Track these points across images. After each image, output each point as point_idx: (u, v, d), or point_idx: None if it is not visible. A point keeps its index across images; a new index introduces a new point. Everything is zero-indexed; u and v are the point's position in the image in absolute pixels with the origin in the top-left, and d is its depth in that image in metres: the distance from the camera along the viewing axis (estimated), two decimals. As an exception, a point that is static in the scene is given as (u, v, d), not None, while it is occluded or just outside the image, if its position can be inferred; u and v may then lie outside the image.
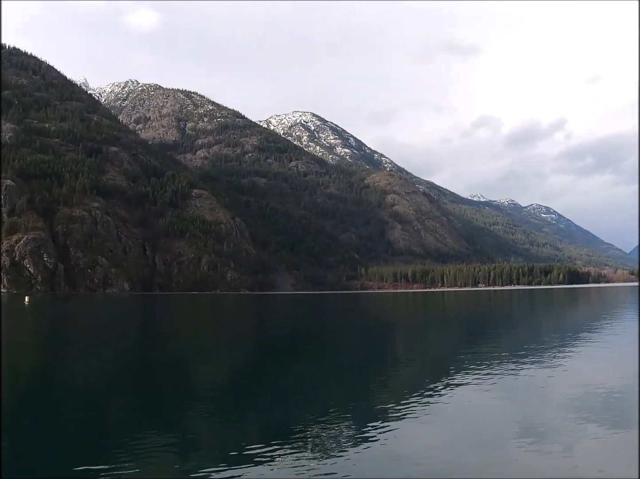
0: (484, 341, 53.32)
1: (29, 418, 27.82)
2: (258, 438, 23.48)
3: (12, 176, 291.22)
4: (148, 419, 27.29)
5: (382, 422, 23.91)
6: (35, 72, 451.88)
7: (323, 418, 25.30)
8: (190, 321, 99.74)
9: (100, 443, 23.15)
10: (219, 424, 26.15)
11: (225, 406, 29.75)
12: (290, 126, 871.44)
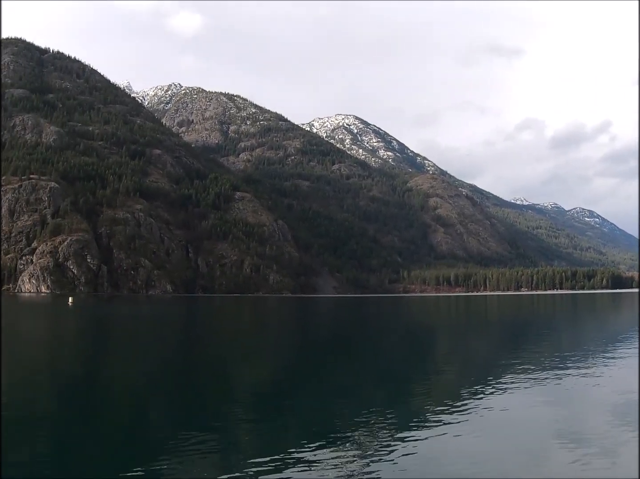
0: (527, 346, 53.38)
1: (72, 419, 28.39)
2: (298, 441, 23.73)
3: (56, 178, 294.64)
4: (189, 421, 27.72)
5: (422, 426, 24.23)
6: (79, 75, 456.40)
7: (363, 421, 25.64)
8: (233, 323, 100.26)
9: (141, 444, 23.66)
10: (260, 427, 26.52)
11: (266, 408, 30.10)
12: (332, 129, 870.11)
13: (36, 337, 68.77)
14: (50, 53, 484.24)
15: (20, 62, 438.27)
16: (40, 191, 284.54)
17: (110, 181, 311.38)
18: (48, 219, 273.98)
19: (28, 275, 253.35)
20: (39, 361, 48.01)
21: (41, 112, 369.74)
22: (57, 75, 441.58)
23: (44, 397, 33.14)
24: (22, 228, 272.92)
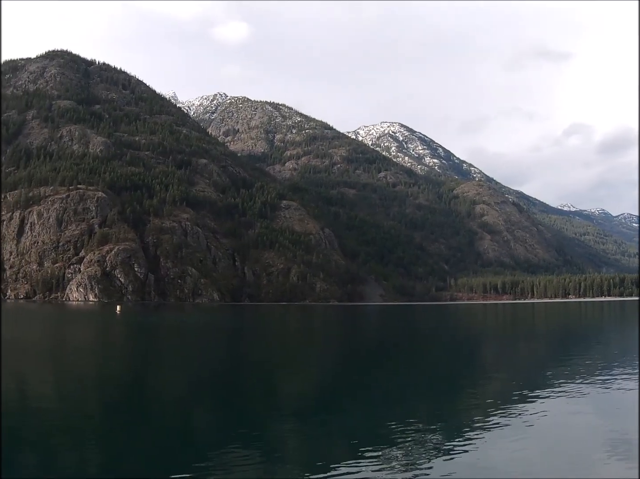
0: (574, 354, 52.11)
1: (119, 425, 27.86)
2: (344, 448, 22.89)
3: (103, 188, 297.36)
4: (234, 428, 26.93)
5: (469, 434, 23.23)
6: (125, 86, 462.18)
7: (410, 429, 24.67)
8: (279, 332, 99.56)
9: (186, 451, 22.86)
10: (305, 435, 25.62)
11: (312, 415, 29.24)
12: (378, 137, 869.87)
13: (85, 345, 68.67)
14: (96, 65, 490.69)
15: (66, 74, 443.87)
16: (88, 201, 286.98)
17: (157, 190, 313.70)
18: (95, 228, 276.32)
19: (76, 284, 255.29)
20: (88, 368, 47.66)
21: (88, 123, 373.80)
22: (104, 87, 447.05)
23: (92, 404, 32.80)
24: (70, 237, 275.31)
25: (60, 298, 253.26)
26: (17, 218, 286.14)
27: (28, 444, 24.16)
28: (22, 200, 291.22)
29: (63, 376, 42.31)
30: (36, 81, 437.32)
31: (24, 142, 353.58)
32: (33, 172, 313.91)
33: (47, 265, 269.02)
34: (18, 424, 27.52)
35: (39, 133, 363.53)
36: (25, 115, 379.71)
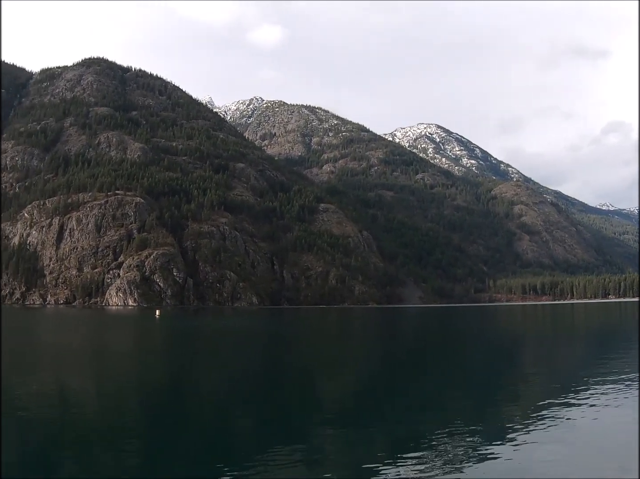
0: (614, 356, 50.83)
1: (159, 428, 27.40)
2: (384, 452, 22.05)
3: (141, 193, 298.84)
4: (275, 430, 26.39)
5: (509, 437, 22.40)
6: (162, 92, 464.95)
7: (450, 432, 23.78)
8: (319, 334, 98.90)
9: (226, 454, 22.39)
10: (345, 437, 24.84)
11: (351, 418, 28.45)
12: (415, 138, 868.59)
13: (125, 350, 68.63)
14: (133, 71, 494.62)
15: (103, 81, 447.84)
16: (126, 206, 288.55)
17: (194, 195, 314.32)
18: (134, 233, 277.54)
19: (115, 289, 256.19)
20: (128, 372, 47.45)
21: (125, 129, 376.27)
22: (140, 93, 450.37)
23: (132, 407, 32.55)
24: (109, 243, 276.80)
25: (100, 303, 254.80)
26: (56, 224, 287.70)
27: (69, 446, 24.30)
28: (61, 206, 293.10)
29: (103, 380, 42.44)
30: (73, 89, 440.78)
31: (62, 150, 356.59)
32: (72, 179, 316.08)
33: (87, 270, 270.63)
34: (59, 427, 27.53)
35: (77, 140, 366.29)
36: (63, 123, 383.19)
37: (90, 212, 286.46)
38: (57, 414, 30.00)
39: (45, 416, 29.32)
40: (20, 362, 53.58)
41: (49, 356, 58.66)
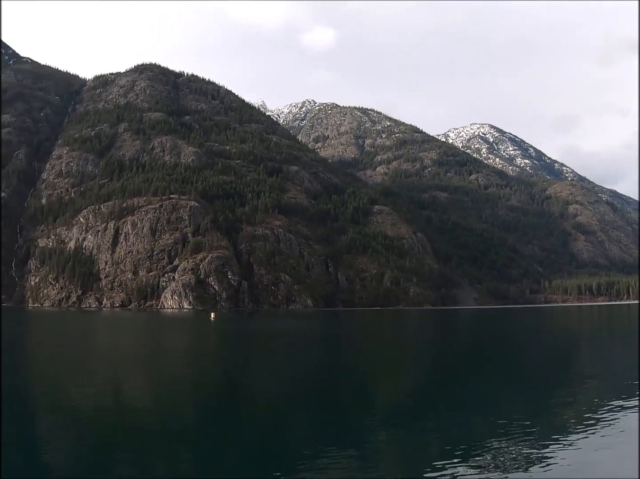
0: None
1: (213, 429, 26.94)
2: (438, 453, 21.29)
3: (195, 197, 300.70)
4: (329, 432, 25.70)
5: (564, 441, 21.88)
6: (214, 97, 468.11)
7: (504, 434, 23.17)
8: (374, 336, 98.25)
9: (281, 454, 21.99)
10: (399, 439, 24.13)
11: (406, 420, 27.65)
12: (468, 139, 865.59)
13: (181, 352, 68.67)
14: (185, 76, 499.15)
15: (156, 87, 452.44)
16: (181, 210, 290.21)
17: (249, 198, 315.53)
18: (189, 237, 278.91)
19: (170, 292, 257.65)
20: (184, 374, 47.34)
21: (179, 134, 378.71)
22: (193, 98, 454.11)
23: (187, 408, 32.41)
24: (164, 246, 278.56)
25: (155, 306, 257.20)
26: (111, 228, 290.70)
27: (123, 447, 24.58)
28: (117, 211, 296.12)
29: (159, 382, 42.80)
30: (126, 95, 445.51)
31: (116, 155, 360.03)
32: (126, 184, 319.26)
33: (142, 274, 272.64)
34: (114, 428, 27.85)
35: (131, 145, 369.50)
36: (117, 128, 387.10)
37: (145, 216, 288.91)
38: (112, 416, 30.25)
39: (100, 417, 29.72)
40: (78, 365, 53.59)
41: (106, 359, 58.84)
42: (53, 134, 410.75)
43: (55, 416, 31.08)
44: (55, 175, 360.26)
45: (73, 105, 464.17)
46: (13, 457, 23.41)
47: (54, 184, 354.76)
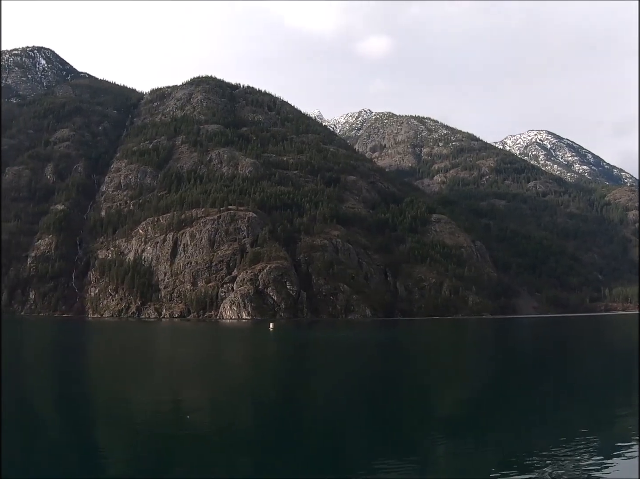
0: None
1: (270, 435, 26.87)
2: (495, 464, 21.14)
3: (253, 208, 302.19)
4: (385, 441, 25.41)
5: (626, 454, 21.48)
6: (271, 108, 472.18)
7: (562, 448, 22.99)
8: (434, 346, 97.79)
9: (338, 461, 22.13)
10: (456, 448, 23.93)
11: (461, 431, 27.24)
12: (525, 146, 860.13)
13: (240, 361, 68.76)
14: (241, 88, 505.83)
15: (212, 99, 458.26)
16: (239, 221, 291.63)
17: (307, 208, 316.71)
18: (247, 247, 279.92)
19: (229, 302, 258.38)
20: (243, 383, 47.43)
21: (236, 145, 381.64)
22: (249, 109, 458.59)
23: (245, 415, 32.51)
24: (222, 257, 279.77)
25: (214, 316, 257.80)
26: (170, 240, 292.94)
27: (180, 454, 25.24)
28: (175, 222, 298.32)
29: (219, 391, 43.49)
30: (183, 107, 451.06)
31: (174, 167, 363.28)
32: (184, 195, 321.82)
33: (201, 284, 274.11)
34: (173, 433, 28.48)
35: (189, 157, 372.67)
36: (175, 141, 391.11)
37: (204, 227, 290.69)
38: (171, 426, 31.07)
39: (159, 428, 30.06)
40: (138, 375, 53.83)
41: (167, 369, 59.15)
42: (111, 147, 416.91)
43: (114, 426, 31.54)
44: (114, 187, 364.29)
45: (131, 119, 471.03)
46: (71, 465, 23.54)
47: (113, 196, 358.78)
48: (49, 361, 75.52)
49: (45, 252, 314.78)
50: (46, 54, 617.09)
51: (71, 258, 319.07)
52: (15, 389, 47.90)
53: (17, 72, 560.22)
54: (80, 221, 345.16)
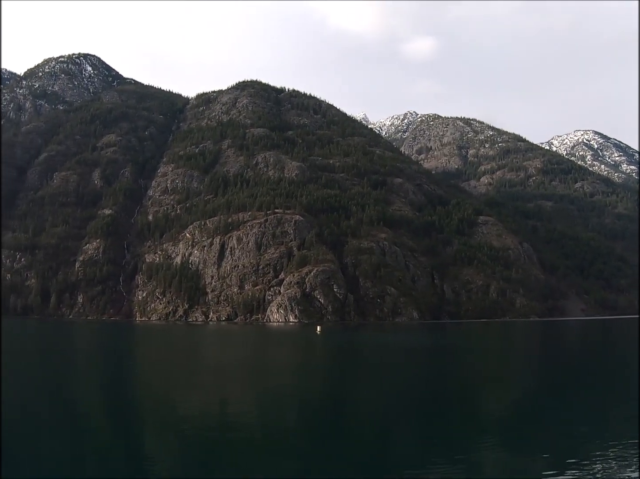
0: None
1: (319, 438, 27.05)
2: (545, 468, 21.07)
3: (300, 211, 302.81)
4: (435, 445, 25.53)
5: None
6: (316, 111, 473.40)
7: (610, 452, 22.89)
8: (483, 349, 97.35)
9: (384, 464, 22.18)
10: (505, 452, 24.02)
11: (510, 434, 27.20)
12: (572, 146, 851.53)
13: (288, 364, 69.19)
14: (286, 92, 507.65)
15: (258, 103, 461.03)
16: (286, 224, 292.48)
17: (353, 211, 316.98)
18: (294, 251, 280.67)
19: (276, 305, 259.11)
20: (291, 385, 47.77)
21: (282, 149, 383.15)
22: (295, 113, 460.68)
23: (292, 418, 32.75)
24: (269, 261, 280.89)
25: (261, 319, 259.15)
26: (217, 244, 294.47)
27: (229, 454, 26.62)
28: (222, 226, 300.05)
29: (266, 394, 43.75)
30: (229, 112, 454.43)
31: (220, 171, 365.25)
32: (231, 199, 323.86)
33: (248, 288, 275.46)
34: (220, 436, 29.11)
35: (235, 161, 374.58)
36: (221, 145, 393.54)
37: (250, 231, 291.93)
38: (219, 426, 32.36)
39: (207, 431, 30.66)
40: (187, 378, 54.35)
41: (215, 372, 59.63)
42: (158, 152, 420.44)
43: (162, 429, 31.77)
44: (161, 192, 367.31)
45: (177, 124, 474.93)
46: (119, 467, 23.91)
47: (160, 200, 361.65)
48: (100, 364, 76.41)
49: (93, 257, 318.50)
50: (92, 60, 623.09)
51: (119, 262, 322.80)
52: (67, 392, 48.56)
53: (64, 79, 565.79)
54: (127, 225, 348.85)
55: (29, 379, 56.91)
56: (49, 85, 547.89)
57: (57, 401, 43.62)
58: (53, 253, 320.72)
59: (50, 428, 33.90)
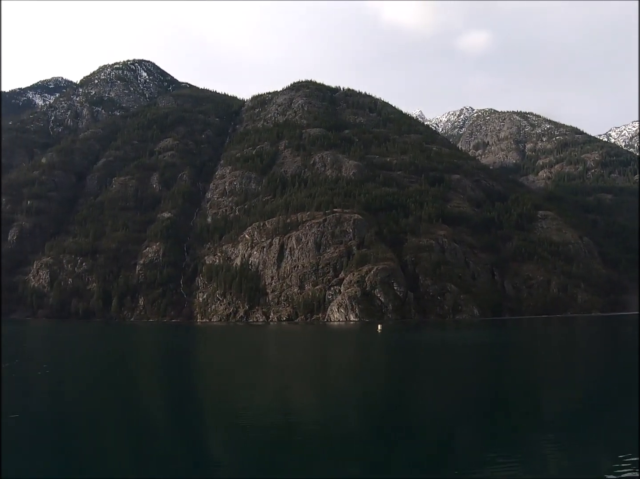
0: None
1: (378, 436, 27.38)
2: (606, 469, 21.03)
3: (359, 210, 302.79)
4: (499, 445, 25.57)
5: None
6: (372, 109, 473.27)
7: None
8: (544, 345, 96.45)
9: (443, 462, 22.36)
10: (565, 453, 23.90)
11: (571, 434, 27.12)
12: (631, 137, 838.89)
13: (350, 364, 69.48)
14: (341, 91, 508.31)
15: (313, 103, 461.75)
16: (345, 223, 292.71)
17: (412, 209, 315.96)
18: (354, 250, 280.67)
19: (337, 304, 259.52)
20: (353, 386, 47.92)
21: (339, 148, 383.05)
22: (351, 112, 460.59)
23: (352, 416, 32.88)
24: (329, 260, 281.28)
25: (322, 319, 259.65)
26: (276, 244, 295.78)
27: (292, 453, 26.98)
28: (281, 226, 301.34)
29: (327, 394, 43.90)
30: (285, 112, 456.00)
31: (278, 172, 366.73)
32: (289, 199, 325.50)
33: (308, 288, 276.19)
34: (281, 436, 29.82)
35: (292, 162, 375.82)
36: (277, 146, 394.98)
37: (310, 230, 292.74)
38: (280, 430, 32.01)
39: (269, 431, 30.53)
40: (249, 378, 54.93)
41: (277, 372, 60.25)
42: (215, 154, 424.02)
43: (224, 429, 32.12)
44: (219, 194, 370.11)
45: (233, 126, 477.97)
46: (180, 466, 24.41)
47: (219, 202, 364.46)
48: (166, 364, 77.40)
49: (154, 260, 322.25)
50: (147, 66, 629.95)
51: (179, 264, 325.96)
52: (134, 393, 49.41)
53: (120, 86, 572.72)
54: (186, 228, 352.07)
55: (95, 380, 58.13)
56: (105, 92, 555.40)
57: (125, 401, 44.55)
58: (114, 257, 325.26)
59: (115, 427, 34.77)
